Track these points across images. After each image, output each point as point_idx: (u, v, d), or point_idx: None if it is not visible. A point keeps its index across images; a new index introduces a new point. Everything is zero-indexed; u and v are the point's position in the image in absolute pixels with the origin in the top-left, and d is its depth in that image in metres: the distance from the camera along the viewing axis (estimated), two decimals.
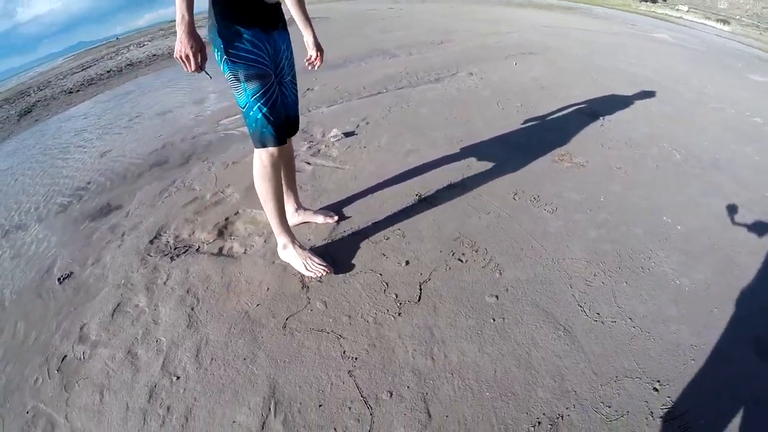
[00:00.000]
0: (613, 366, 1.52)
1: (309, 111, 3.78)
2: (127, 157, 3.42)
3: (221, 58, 1.55)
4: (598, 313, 1.71)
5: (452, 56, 5.01)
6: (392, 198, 2.45)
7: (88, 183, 3.10)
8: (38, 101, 5.36)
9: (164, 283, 2.02)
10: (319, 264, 1.91)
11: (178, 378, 1.58)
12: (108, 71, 5.98)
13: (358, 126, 3.39)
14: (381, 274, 1.94)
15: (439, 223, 2.23)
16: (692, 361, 1.53)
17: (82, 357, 1.72)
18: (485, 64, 4.67)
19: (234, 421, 1.42)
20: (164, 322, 1.82)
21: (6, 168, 3.64)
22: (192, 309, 1.85)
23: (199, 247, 2.20)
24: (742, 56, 5.26)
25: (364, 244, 2.12)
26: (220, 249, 2.18)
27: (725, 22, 6.44)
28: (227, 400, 1.48)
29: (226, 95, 4.46)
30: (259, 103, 1.61)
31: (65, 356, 1.73)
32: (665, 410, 1.38)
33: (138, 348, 1.72)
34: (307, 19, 1.89)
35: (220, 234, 2.26)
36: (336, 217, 2.25)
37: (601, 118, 3.30)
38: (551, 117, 3.35)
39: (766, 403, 1.41)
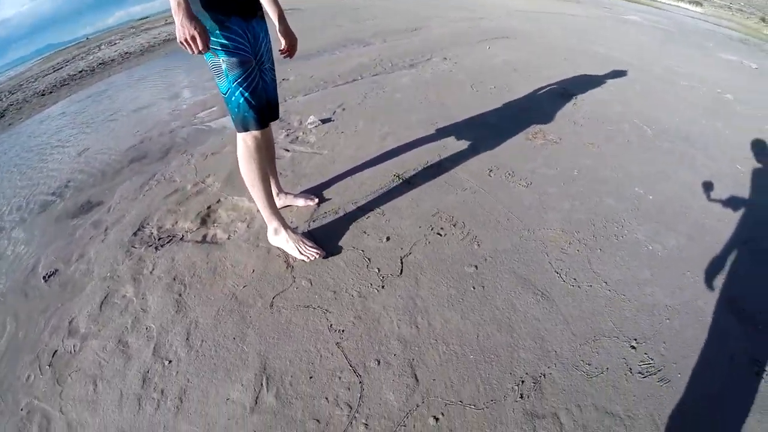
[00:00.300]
0: (590, 327, 1.60)
1: (286, 100, 3.78)
2: (105, 154, 3.39)
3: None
4: (575, 279, 1.79)
5: (426, 42, 5.05)
6: (371, 179, 2.50)
7: (68, 182, 3.07)
8: (10, 105, 5.25)
9: (150, 272, 2.03)
10: (312, 247, 1.94)
11: (170, 362, 1.60)
12: (80, 71, 5.87)
13: (334, 112, 3.42)
14: (363, 251, 1.99)
15: (418, 201, 2.28)
16: (667, 321, 1.62)
17: (72, 350, 1.73)
18: (459, 48, 4.71)
19: (228, 399, 1.45)
20: (153, 309, 1.83)
21: None
22: (179, 295, 1.87)
23: (183, 236, 2.21)
24: (714, 36, 5.40)
25: (345, 224, 2.16)
26: (204, 236, 2.19)
27: (698, 3, 6.59)
28: (220, 379, 1.51)
29: (201, 89, 4.42)
30: (240, 88, 1.63)
31: (56, 351, 1.74)
32: (643, 366, 1.46)
33: (128, 337, 1.73)
34: (279, 9, 1.89)
35: (203, 222, 2.28)
36: (316, 200, 2.29)
37: (573, 97, 3.38)
38: (524, 97, 3.42)
39: (740, 358, 1.50)
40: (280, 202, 2.24)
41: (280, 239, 1.97)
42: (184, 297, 1.86)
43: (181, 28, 1.40)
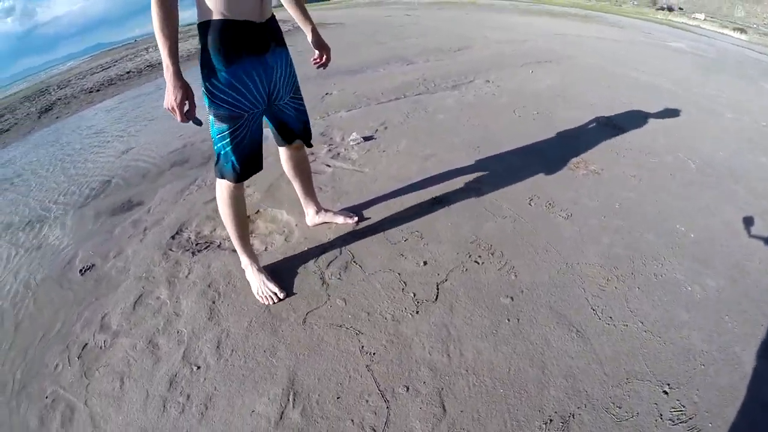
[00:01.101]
0: (624, 368, 1.53)
1: (328, 115, 3.84)
2: (148, 155, 3.50)
3: (202, 84, 1.53)
4: (611, 317, 1.73)
5: (469, 64, 5.05)
6: (411, 200, 2.49)
7: (110, 179, 3.18)
8: (59, 99, 5.48)
9: (186, 276, 2.07)
10: (270, 290, 1.88)
11: (198, 368, 1.63)
12: (127, 72, 6.10)
13: (376, 130, 3.44)
14: (399, 274, 1.98)
15: (457, 226, 2.27)
16: (702, 366, 1.54)
17: (103, 345, 1.78)
18: (501, 71, 4.70)
19: (253, 411, 1.46)
20: (185, 314, 1.87)
21: (28, 163, 3.73)
22: (213, 302, 1.90)
23: (220, 243, 2.25)
24: (758, 65, 5.23)
25: (383, 245, 2.16)
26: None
27: (742, 30, 6.40)
28: (247, 390, 1.52)
29: None
30: (223, 142, 1.60)
31: (86, 344, 1.79)
32: (674, 413, 1.39)
33: (159, 338, 1.77)
34: (308, 19, 1.88)
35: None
36: (356, 218, 2.28)
37: (616, 126, 3.31)
38: (567, 124, 3.37)
39: None
40: (319, 218, 2.27)
41: (248, 274, 1.96)
42: (217, 305, 1.89)
43: (167, 95, 1.37)
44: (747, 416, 1.38)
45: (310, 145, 2.01)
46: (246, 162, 1.68)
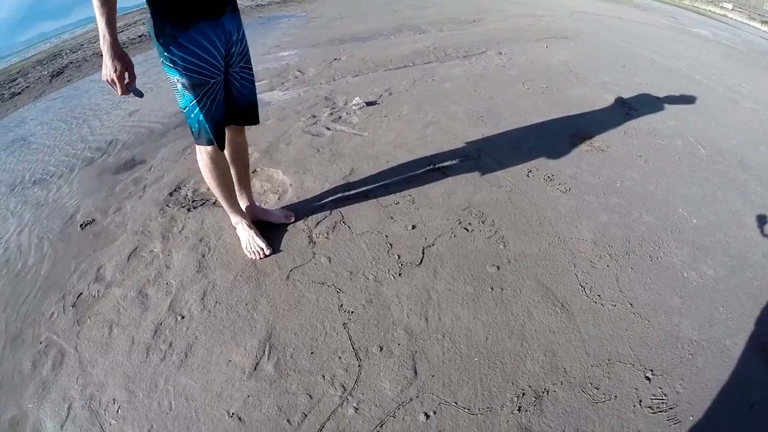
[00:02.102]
0: (606, 349, 1.51)
1: (334, 80, 3.80)
2: (154, 116, 3.50)
3: (159, 55, 1.47)
4: (599, 295, 1.71)
5: (483, 35, 4.92)
6: (406, 166, 2.48)
7: (116, 139, 3.20)
8: (70, 63, 5.48)
9: (179, 231, 2.10)
10: (258, 245, 1.89)
11: (182, 317, 1.66)
12: (140, 35, 6.06)
13: (380, 96, 3.40)
14: (386, 236, 1.98)
15: (450, 193, 2.25)
16: (690, 356, 1.51)
17: (96, 295, 1.82)
18: (515, 44, 4.58)
19: (229, 360, 1.49)
20: (176, 266, 1.90)
21: (38, 123, 3.77)
22: (203, 256, 1.93)
23: (215, 201, 2.27)
24: None
25: (373, 207, 2.16)
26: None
27: None
28: (226, 341, 1.56)
29: (255, 62, 4.50)
30: (197, 109, 1.56)
31: (81, 294, 1.84)
32: (655, 400, 1.37)
33: (149, 289, 1.81)
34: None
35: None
36: (292, 218, 2.11)
37: (627, 105, 3.21)
38: (576, 100, 3.28)
39: (761, 408, 1.37)
40: (251, 214, 2.07)
41: (238, 230, 1.97)
42: (206, 258, 1.92)
43: (104, 67, 1.32)
44: (730, 412, 1.36)
45: (257, 122, 1.90)
46: (218, 126, 1.65)
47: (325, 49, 4.72)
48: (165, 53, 1.43)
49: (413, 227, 2.02)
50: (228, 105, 1.72)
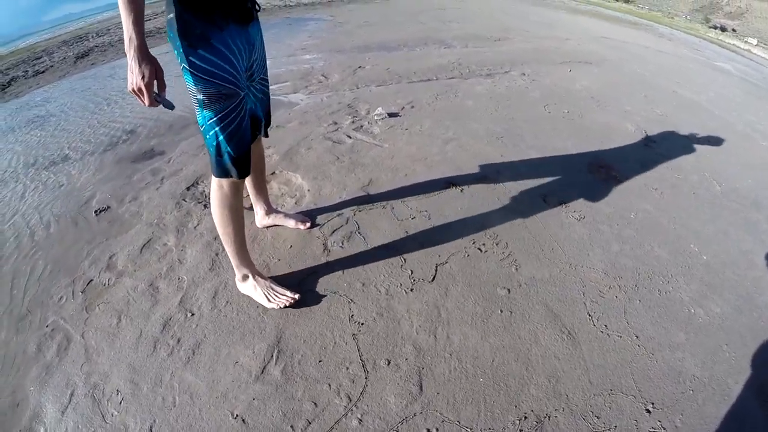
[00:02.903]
0: (609, 379, 1.52)
1: (357, 88, 3.83)
2: (177, 107, 3.54)
3: (181, 61, 1.26)
4: (606, 325, 1.71)
5: (507, 54, 4.94)
6: (425, 181, 2.49)
7: (137, 127, 3.23)
8: (96, 46, 5.53)
9: (194, 227, 2.12)
10: (282, 294, 1.70)
11: (192, 314, 1.68)
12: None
13: (403, 108, 3.42)
14: (401, 250, 1.99)
15: (466, 211, 2.26)
16: (691, 392, 1.51)
17: (106, 283, 1.84)
18: (539, 66, 4.59)
19: (237, 362, 1.51)
20: (189, 262, 1.92)
21: (60, 105, 3.81)
22: (216, 254, 1.95)
23: None
24: None
25: (390, 220, 2.18)
26: (251, 206, 2.26)
27: None
28: (234, 342, 1.57)
29: (279, 61, 4.54)
30: (216, 128, 1.35)
31: (91, 281, 1.86)
32: None
33: (160, 282, 1.83)
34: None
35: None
36: (309, 223, 2.08)
37: (646, 137, 3.22)
38: (596, 127, 3.29)
39: None
40: (269, 220, 2.07)
41: (248, 286, 1.72)
42: (220, 257, 1.93)
43: (130, 74, 1.15)
44: None
45: (267, 134, 1.76)
46: (243, 154, 1.44)
47: (349, 56, 4.76)
48: (190, 57, 1.23)
49: (427, 243, 2.04)
50: (252, 119, 1.57)
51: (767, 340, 1.74)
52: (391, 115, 3.28)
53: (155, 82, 1.19)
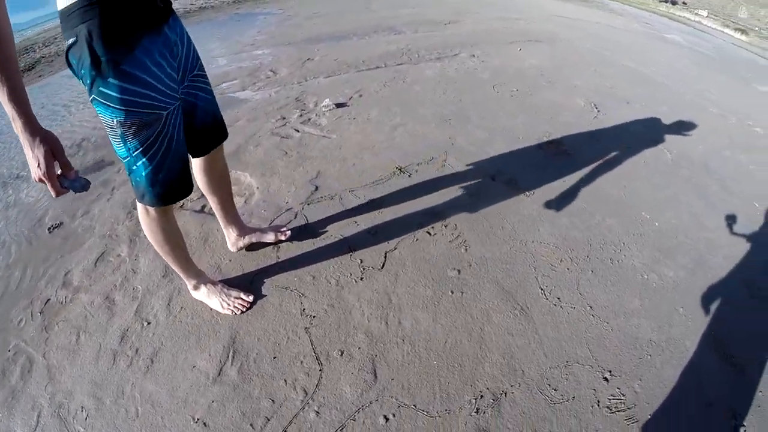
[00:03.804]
0: (565, 351, 1.55)
1: (306, 80, 3.81)
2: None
3: (92, 92, 1.08)
4: (559, 298, 1.75)
5: (457, 37, 4.97)
6: (373, 168, 2.50)
7: (84, 139, 3.16)
8: (42, 57, 5.38)
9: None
10: (236, 298, 1.67)
11: (149, 323, 1.67)
12: None
13: (350, 98, 3.42)
14: (349, 240, 2.01)
15: (414, 196, 2.28)
16: (648, 357, 1.55)
17: (63, 301, 1.81)
18: (489, 47, 4.63)
19: (194, 366, 1.51)
20: (142, 271, 1.90)
21: (6, 122, 3.69)
22: None
23: (183, 204, 2.26)
24: (754, 67, 5.13)
25: (338, 211, 2.18)
26: (203, 207, 2.25)
27: (743, 31, 6.25)
28: (190, 346, 1.57)
29: (229, 59, 4.48)
30: (143, 159, 1.21)
31: (48, 300, 1.83)
32: (613, 401, 1.41)
33: (116, 294, 1.81)
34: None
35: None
36: (289, 233, 1.97)
37: (596, 110, 3.28)
38: (545, 104, 3.34)
39: (718, 406, 1.42)
40: (244, 241, 1.91)
41: (201, 294, 1.68)
42: None
43: (30, 160, 0.97)
44: (688, 412, 1.40)
45: (227, 135, 1.61)
46: (174, 181, 1.31)
47: (299, 48, 4.72)
48: (100, 88, 1.06)
49: (376, 231, 2.05)
50: (191, 131, 1.43)
51: (722, 299, 1.81)
52: (339, 105, 3.28)
53: (55, 162, 1.00)
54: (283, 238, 1.96)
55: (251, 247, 1.96)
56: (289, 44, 4.90)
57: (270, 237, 1.95)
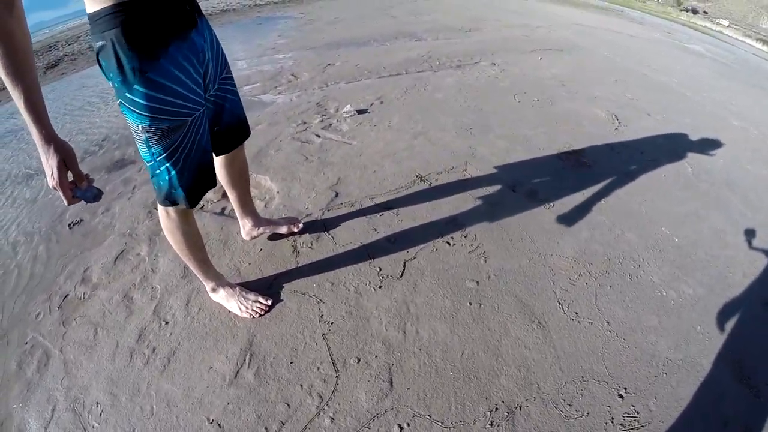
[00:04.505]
0: (581, 366, 1.53)
1: (327, 85, 3.83)
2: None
3: (119, 97, 1.11)
4: (576, 313, 1.73)
5: (478, 45, 4.97)
6: (393, 176, 2.50)
7: (108, 137, 3.21)
8: (66, 56, 5.47)
9: None
10: (254, 301, 1.70)
11: (166, 323, 1.68)
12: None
13: (372, 104, 3.43)
14: (369, 248, 2.00)
15: (434, 205, 2.27)
16: (664, 375, 1.53)
17: (82, 297, 1.84)
18: (509, 55, 4.62)
19: (211, 367, 1.51)
20: (161, 271, 1.92)
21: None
22: None
23: (203, 206, 2.28)
24: None
25: (357, 218, 2.18)
26: (223, 209, 2.27)
27: (766, 42, 6.17)
28: (208, 348, 1.58)
29: (250, 62, 4.53)
30: (167, 164, 1.24)
31: (67, 295, 1.85)
32: (627, 418, 1.39)
33: (134, 293, 1.83)
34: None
35: (225, 195, 2.33)
36: (301, 225, 2.04)
37: (617, 121, 3.26)
38: (566, 115, 3.32)
39: (734, 426, 1.39)
40: (258, 231, 1.97)
41: (219, 297, 1.71)
42: None
43: (45, 168, 0.99)
44: (703, 431, 1.37)
45: (249, 133, 1.66)
46: (196, 184, 1.34)
47: (319, 53, 4.76)
48: (127, 94, 1.08)
49: (396, 240, 2.05)
50: (217, 132, 1.48)
51: (741, 319, 1.77)
52: (360, 111, 3.28)
53: (68, 172, 1.01)
54: (296, 230, 2.02)
55: (270, 251, 1.97)
56: (310, 49, 4.94)
57: (283, 228, 2.00)
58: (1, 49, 0.88)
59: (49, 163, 0.98)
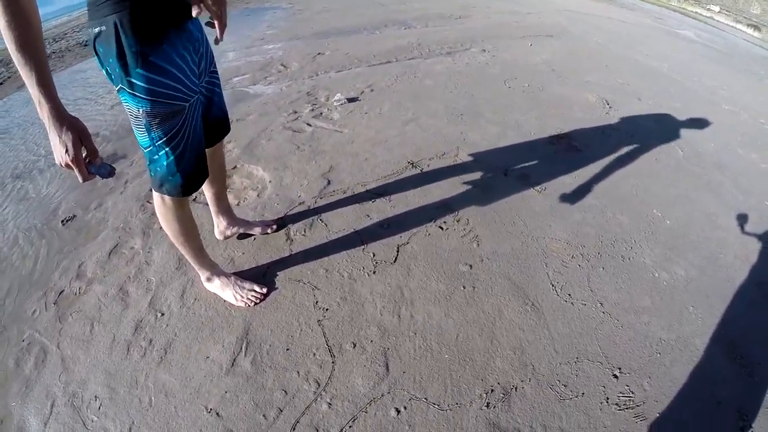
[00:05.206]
0: (575, 347, 1.55)
1: (317, 75, 3.82)
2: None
3: (117, 82, 1.12)
4: (570, 294, 1.75)
5: (468, 31, 4.95)
6: (384, 163, 2.51)
7: (97, 133, 3.18)
8: (53, 53, 5.38)
9: (160, 228, 2.10)
10: (249, 290, 1.70)
11: (162, 314, 1.69)
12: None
13: (362, 92, 3.43)
14: (362, 234, 2.02)
15: (426, 191, 2.28)
16: (658, 355, 1.55)
17: (77, 292, 1.83)
18: (500, 41, 4.61)
19: (208, 357, 1.52)
20: (156, 263, 1.92)
21: (20, 116, 3.72)
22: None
23: (196, 197, 2.28)
24: (767, 63, 5.08)
25: (350, 205, 2.19)
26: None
27: (756, 27, 6.15)
28: (204, 338, 1.58)
29: (240, 53, 4.49)
30: (166, 149, 1.25)
31: (62, 291, 1.85)
32: (622, 398, 1.41)
33: (129, 286, 1.83)
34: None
35: None
36: (275, 226, 2.03)
37: (607, 106, 3.26)
38: (557, 99, 3.33)
39: (727, 405, 1.41)
40: (232, 230, 1.96)
41: (214, 286, 1.72)
42: None
43: (53, 145, 0.98)
44: (696, 411, 1.40)
45: (229, 130, 1.68)
46: (194, 171, 1.35)
47: (309, 43, 4.73)
48: (127, 78, 1.09)
49: (388, 225, 2.06)
50: (205, 124, 1.47)
51: (733, 299, 1.79)
52: (351, 100, 3.28)
53: (83, 149, 1.00)
54: (269, 231, 2.02)
55: (264, 240, 1.98)
56: (300, 38, 4.90)
57: (257, 230, 2.01)
58: (15, 25, 0.88)
59: (62, 140, 0.96)
